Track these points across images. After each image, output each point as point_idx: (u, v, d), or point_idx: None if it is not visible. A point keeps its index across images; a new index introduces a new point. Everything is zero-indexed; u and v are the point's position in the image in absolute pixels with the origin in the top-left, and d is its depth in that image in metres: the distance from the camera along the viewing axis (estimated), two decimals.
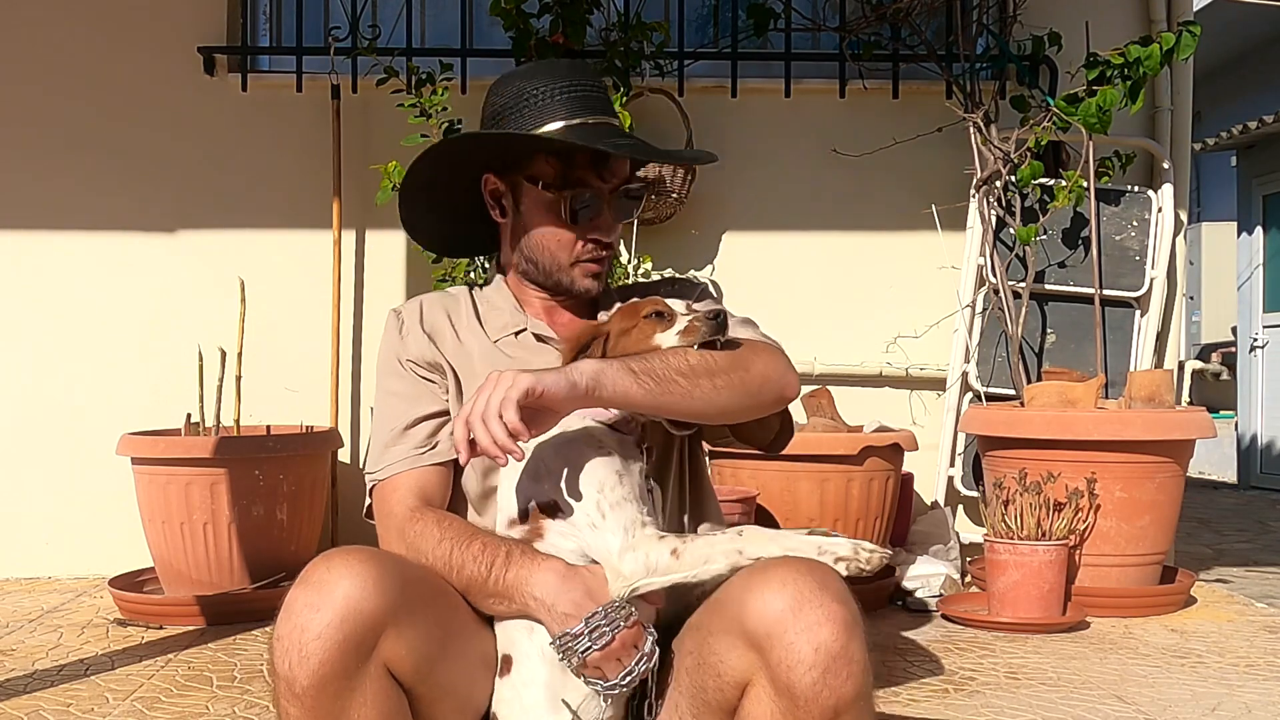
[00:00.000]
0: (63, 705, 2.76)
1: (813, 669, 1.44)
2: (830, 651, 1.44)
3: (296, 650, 1.47)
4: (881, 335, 4.47)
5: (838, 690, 1.44)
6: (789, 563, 1.52)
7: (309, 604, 1.48)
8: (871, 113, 4.44)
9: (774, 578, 1.48)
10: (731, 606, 1.51)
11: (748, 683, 1.51)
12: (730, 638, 1.51)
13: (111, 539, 4.18)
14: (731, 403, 1.69)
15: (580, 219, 1.81)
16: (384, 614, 1.48)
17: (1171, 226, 4.41)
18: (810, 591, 1.46)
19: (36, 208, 4.38)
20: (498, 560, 1.61)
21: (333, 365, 4.31)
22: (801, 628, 1.44)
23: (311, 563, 1.52)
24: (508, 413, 1.52)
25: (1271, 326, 8.24)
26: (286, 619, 1.49)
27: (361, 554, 1.52)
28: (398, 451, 1.77)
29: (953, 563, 4.04)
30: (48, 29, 4.39)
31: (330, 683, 1.47)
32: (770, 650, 1.45)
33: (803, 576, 1.48)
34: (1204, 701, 2.82)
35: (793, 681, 1.44)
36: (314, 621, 1.47)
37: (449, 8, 4.54)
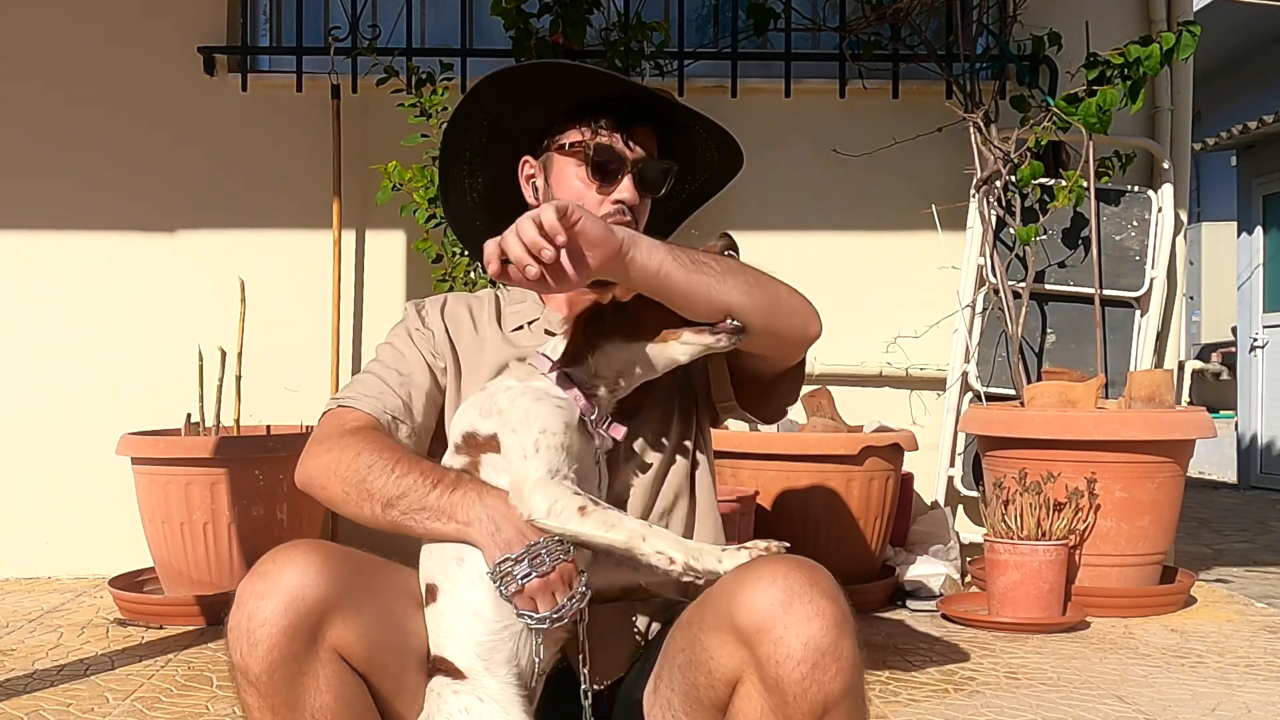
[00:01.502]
0: (63, 705, 2.76)
1: (801, 664, 1.43)
2: (819, 647, 1.43)
3: (246, 638, 1.51)
4: (881, 335, 4.47)
5: (826, 686, 1.44)
6: (779, 560, 1.52)
7: (255, 593, 1.52)
8: (871, 113, 4.44)
9: (764, 574, 1.48)
10: (721, 602, 1.51)
11: (738, 679, 1.50)
12: (720, 634, 1.50)
13: (111, 539, 4.17)
14: (757, 310, 1.68)
15: (604, 176, 1.80)
16: (328, 599, 1.51)
17: (1171, 226, 4.41)
18: (800, 587, 1.46)
19: (37, 207, 4.38)
20: (445, 478, 1.62)
21: (333, 365, 4.31)
22: (790, 622, 1.44)
23: (261, 558, 1.56)
24: (545, 213, 1.46)
25: (1271, 326, 8.24)
26: (237, 610, 1.53)
27: (308, 545, 1.56)
28: (375, 388, 1.79)
29: (953, 563, 4.04)
30: (47, 29, 4.38)
31: (280, 667, 1.50)
32: (759, 645, 1.45)
33: (793, 572, 1.47)
34: (1204, 701, 2.82)
35: (781, 677, 1.44)
36: (260, 609, 1.50)
37: (449, 8, 4.54)
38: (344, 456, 1.67)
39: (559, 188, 1.83)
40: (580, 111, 1.83)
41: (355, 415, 1.74)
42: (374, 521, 1.65)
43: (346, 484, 1.66)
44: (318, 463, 1.70)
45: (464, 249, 2.12)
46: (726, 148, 1.93)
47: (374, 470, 1.64)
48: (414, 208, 3.98)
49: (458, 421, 1.69)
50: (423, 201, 3.95)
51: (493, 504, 1.59)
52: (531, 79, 1.84)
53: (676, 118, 1.88)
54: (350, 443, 1.68)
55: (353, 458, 1.66)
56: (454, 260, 3.97)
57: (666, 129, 1.89)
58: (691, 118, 1.88)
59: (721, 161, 1.97)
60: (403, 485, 1.62)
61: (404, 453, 1.67)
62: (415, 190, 3.96)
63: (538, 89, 1.84)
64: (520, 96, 1.85)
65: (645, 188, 1.84)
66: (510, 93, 1.85)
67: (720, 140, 1.91)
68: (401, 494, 1.62)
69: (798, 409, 4.07)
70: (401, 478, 1.62)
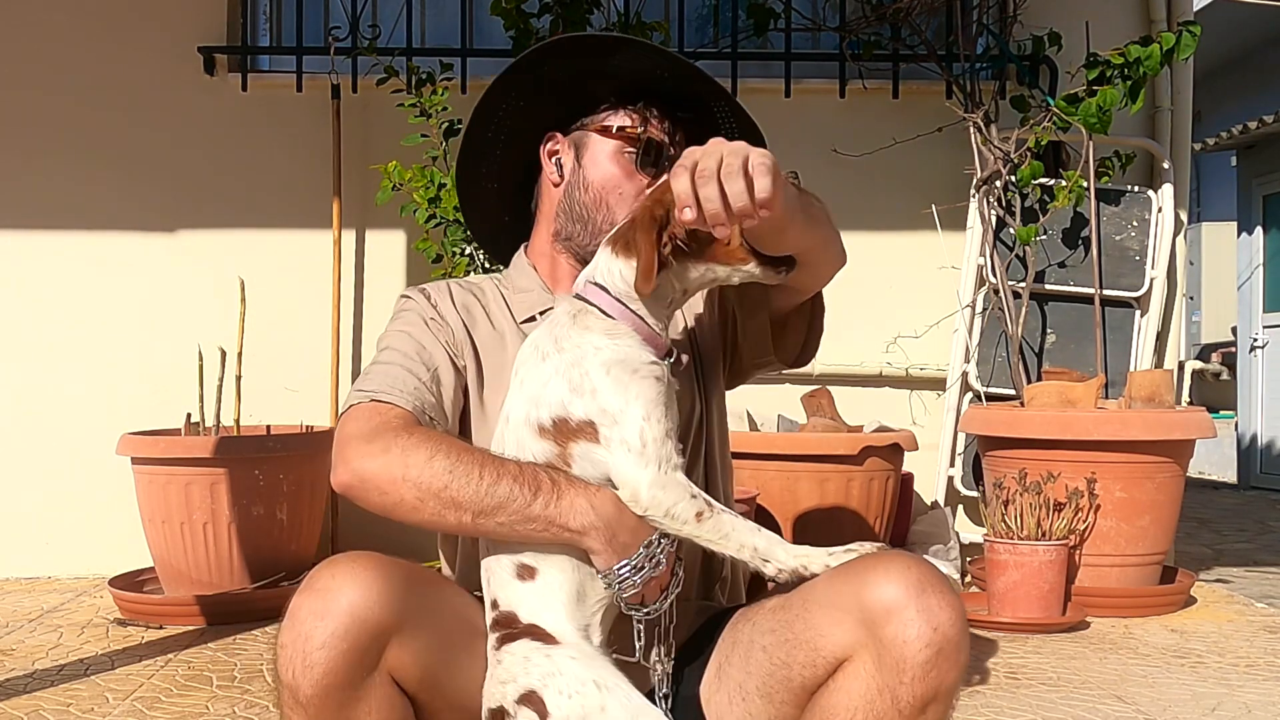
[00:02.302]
0: (63, 705, 2.76)
1: (929, 647, 1.44)
2: (947, 635, 1.45)
3: (300, 659, 1.45)
4: (881, 335, 4.47)
5: (944, 675, 1.46)
6: (905, 554, 1.53)
7: (314, 611, 1.45)
8: (871, 113, 4.44)
9: (897, 563, 1.49)
10: (846, 584, 1.50)
11: (846, 659, 1.50)
12: (838, 613, 1.49)
13: (111, 539, 4.17)
14: (824, 253, 1.68)
15: (651, 167, 1.75)
16: (390, 623, 1.45)
17: (1171, 226, 4.41)
18: (933, 579, 1.48)
19: (37, 207, 4.38)
20: (544, 484, 1.50)
21: (333, 365, 4.31)
22: (923, 607, 1.45)
23: (316, 568, 1.49)
24: (760, 178, 1.37)
25: (1271, 326, 8.24)
26: (291, 626, 1.46)
27: (368, 560, 1.48)
28: (407, 382, 1.63)
29: (953, 563, 4.04)
30: (47, 29, 4.38)
31: (334, 692, 1.45)
32: (886, 625, 1.45)
33: (923, 565, 1.50)
34: (1204, 701, 2.82)
35: (905, 656, 1.44)
36: (319, 630, 1.44)
37: (449, 8, 4.54)
38: (412, 460, 1.52)
39: (593, 169, 1.75)
40: (632, 95, 1.77)
41: (397, 412, 1.59)
42: (456, 529, 1.56)
43: (421, 491, 1.51)
44: (374, 465, 1.53)
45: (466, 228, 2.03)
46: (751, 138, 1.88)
47: (456, 477, 1.51)
48: (414, 208, 3.98)
49: (541, 395, 1.54)
50: (423, 201, 3.95)
51: (603, 507, 1.51)
52: (605, 51, 1.76)
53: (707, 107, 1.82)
54: (414, 444, 1.53)
55: (424, 461, 1.51)
56: (454, 260, 3.97)
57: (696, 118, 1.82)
58: (735, 114, 1.83)
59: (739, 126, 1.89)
60: (497, 495, 1.49)
61: (481, 454, 1.54)
62: (415, 190, 3.96)
63: (600, 62, 1.76)
64: (583, 68, 1.77)
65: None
66: (576, 59, 1.77)
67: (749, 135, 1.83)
68: (498, 505, 1.50)
69: (798, 409, 4.07)
70: (494, 485, 1.50)
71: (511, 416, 1.57)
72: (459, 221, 3.93)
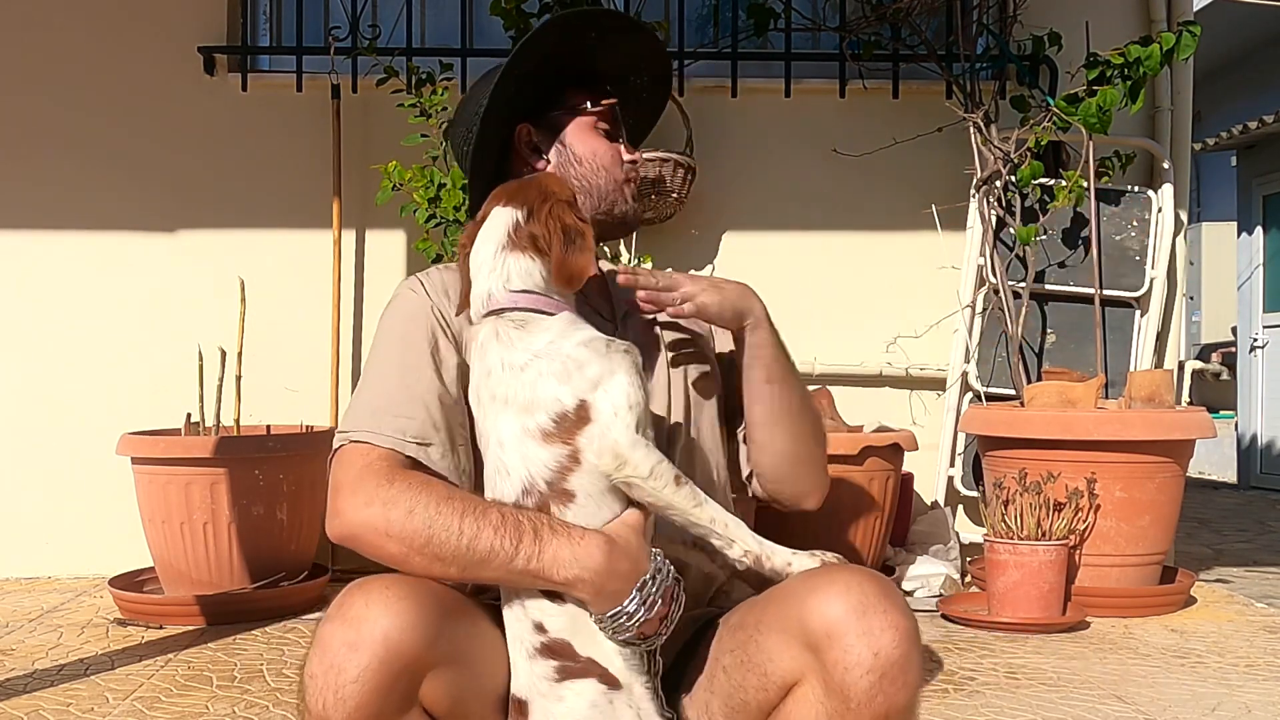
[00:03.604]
0: (63, 705, 2.76)
1: (870, 673, 1.43)
2: (890, 658, 1.43)
3: (332, 692, 1.39)
4: (881, 335, 4.47)
5: (892, 698, 1.44)
6: (852, 569, 1.52)
7: (346, 643, 1.39)
8: (871, 113, 4.44)
9: (839, 581, 1.48)
10: (791, 606, 1.50)
11: (795, 683, 1.50)
12: (784, 636, 1.49)
13: (111, 539, 4.17)
14: (800, 445, 1.84)
15: (612, 131, 1.90)
16: (426, 655, 1.41)
17: (1171, 226, 4.41)
18: (875, 598, 1.46)
19: (36, 207, 4.38)
20: (525, 534, 1.48)
21: (333, 365, 4.31)
22: (864, 631, 1.43)
23: (346, 591, 1.44)
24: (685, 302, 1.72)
25: (1271, 326, 8.24)
26: (321, 656, 1.40)
27: (401, 587, 1.43)
28: (388, 410, 1.60)
29: (953, 563, 4.04)
30: (47, 29, 4.38)
31: None
32: (829, 650, 1.44)
33: (867, 583, 1.48)
34: (1204, 701, 2.82)
35: (848, 683, 1.43)
36: (351, 663, 1.38)
37: (449, 8, 4.54)
38: (392, 515, 1.50)
39: (578, 145, 1.87)
40: (591, 78, 1.92)
41: (379, 454, 1.56)
42: (447, 578, 1.52)
43: (407, 545, 1.49)
44: (359, 520, 1.52)
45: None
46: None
47: (437, 531, 1.48)
48: (414, 208, 3.98)
49: (534, 399, 1.53)
50: (423, 201, 3.95)
51: (588, 558, 1.48)
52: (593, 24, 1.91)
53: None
54: (394, 496, 1.51)
55: (404, 516, 1.49)
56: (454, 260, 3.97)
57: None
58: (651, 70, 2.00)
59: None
60: (479, 549, 1.47)
61: (464, 502, 1.51)
62: (415, 190, 3.96)
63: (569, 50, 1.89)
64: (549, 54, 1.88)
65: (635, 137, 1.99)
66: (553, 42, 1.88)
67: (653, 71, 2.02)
68: (482, 559, 1.47)
69: None
70: (475, 539, 1.47)
71: (506, 438, 1.53)
72: (459, 221, 3.94)
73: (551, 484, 1.51)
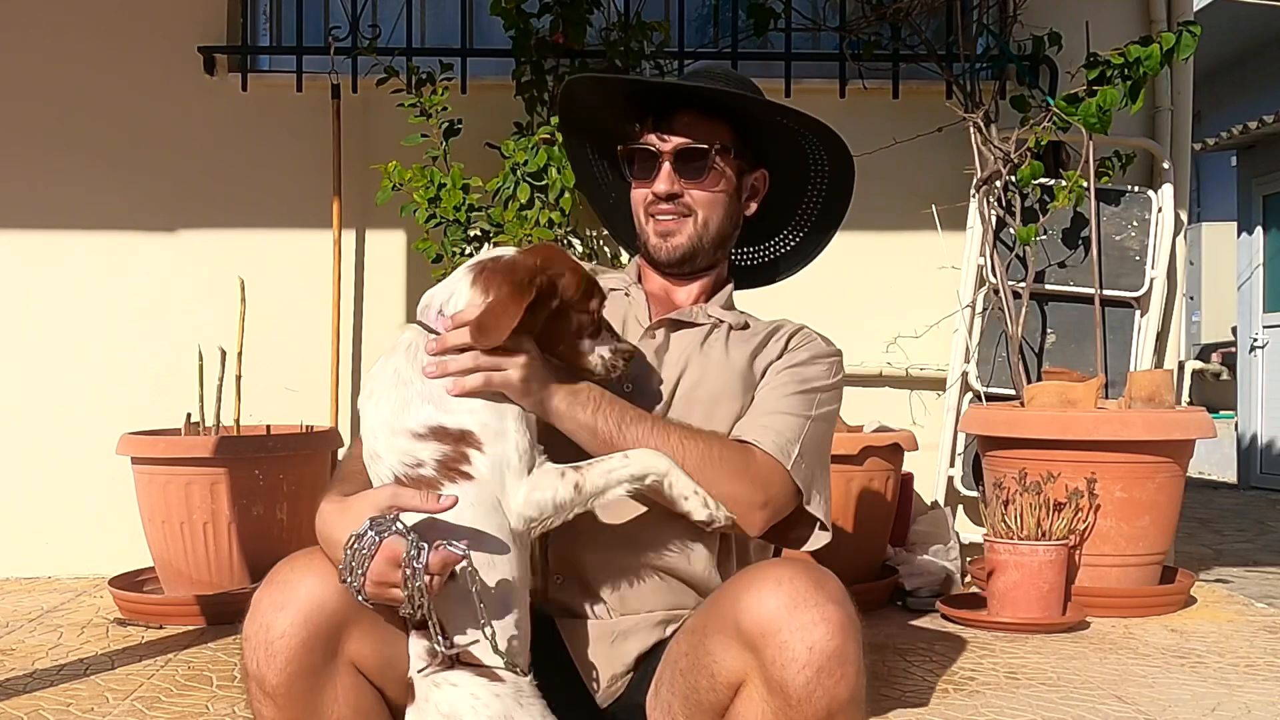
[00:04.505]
0: (63, 705, 2.76)
1: (806, 668, 1.43)
2: (825, 651, 1.43)
3: (263, 649, 1.49)
4: (881, 335, 4.47)
5: (831, 691, 1.44)
6: (785, 563, 1.52)
7: (274, 603, 1.50)
8: (871, 113, 4.44)
9: (770, 577, 1.48)
10: (727, 606, 1.50)
11: (740, 683, 1.50)
12: (725, 638, 1.50)
13: (111, 539, 4.17)
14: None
15: (635, 172, 1.88)
16: (346, 611, 1.49)
17: (1171, 226, 4.41)
18: (806, 591, 1.45)
19: (36, 207, 4.38)
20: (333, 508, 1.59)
21: (333, 365, 4.31)
22: (796, 626, 1.43)
23: (278, 565, 1.54)
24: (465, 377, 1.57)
25: (1271, 326, 8.24)
26: (253, 619, 1.51)
27: (325, 554, 1.53)
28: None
29: (953, 563, 4.04)
30: (47, 29, 4.38)
31: (298, 680, 1.49)
32: (764, 649, 1.44)
33: (798, 576, 1.47)
34: (1204, 702, 2.82)
35: (786, 680, 1.43)
36: (278, 620, 1.48)
37: (449, 8, 4.54)
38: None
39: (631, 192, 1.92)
40: (631, 113, 1.90)
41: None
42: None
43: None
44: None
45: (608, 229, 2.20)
46: (823, 134, 1.95)
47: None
48: (414, 208, 3.98)
49: (403, 416, 1.59)
50: (423, 201, 3.95)
51: (325, 516, 1.57)
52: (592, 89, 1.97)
53: (751, 110, 1.93)
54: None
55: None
56: (454, 260, 3.97)
57: (743, 122, 1.92)
58: (747, 104, 1.93)
59: (828, 157, 1.99)
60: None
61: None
62: (415, 190, 3.96)
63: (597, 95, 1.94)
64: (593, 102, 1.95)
65: (687, 173, 1.86)
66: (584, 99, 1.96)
67: (814, 128, 1.94)
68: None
69: None
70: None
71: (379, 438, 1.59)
72: (459, 221, 3.94)
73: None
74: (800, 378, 1.84)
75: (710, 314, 1.92)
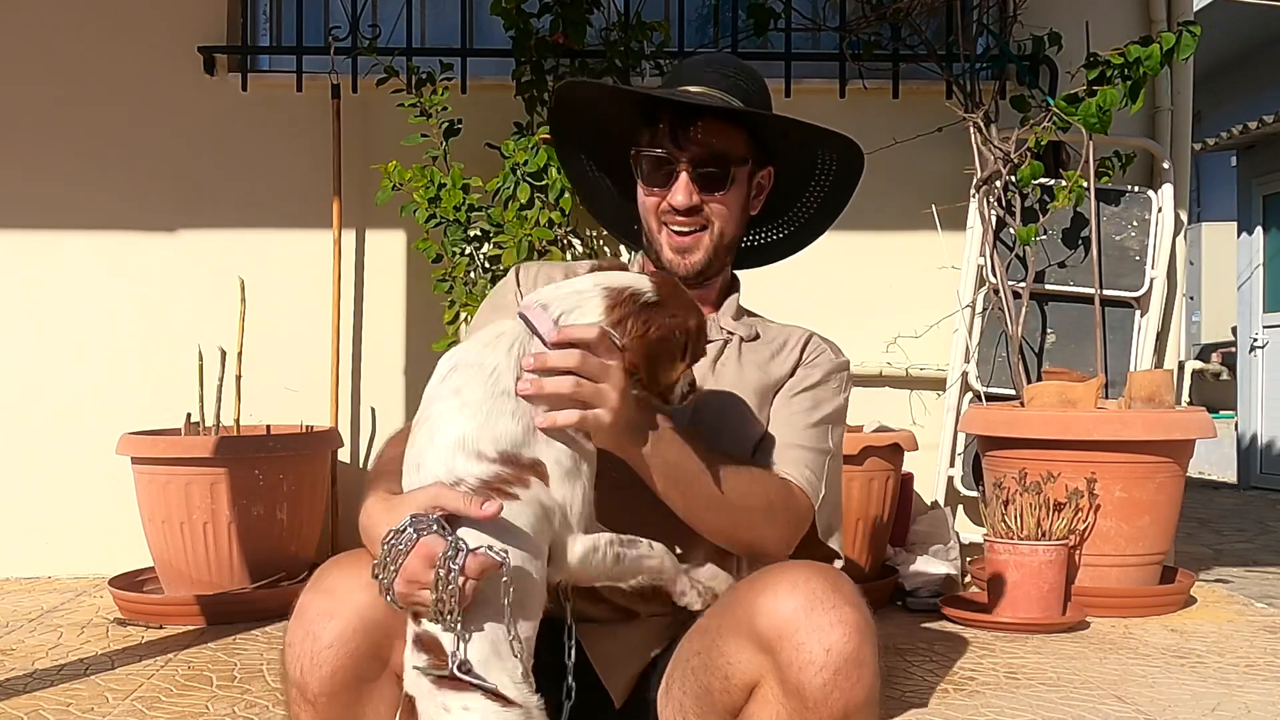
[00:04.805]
0: (62, 705, 2.76)
1: (823, 670, 1.42)
2: (842, 653, 1.43)
3: (309, 658, 1.46)
4: (881, 335, 4.47)
5: (848, 693, 1.43)
6: (801, 565, 1.52)
7: (322, 611, 1.46)
8: (871, 113, 4.43)
9: (785, 579, 1.47)
10: (742, 607, 1.50)
11: (755, 684, 1.50)
12: (740, 639, 1.49)
13: (111, 539, 4.17)
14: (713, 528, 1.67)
15: (650, 180, 1.81)
16: (395, 623, 1.45)
17: (1171, 226, 4.40)
18: (823, 593, 1.45)
19: (36, 207, 4.38)
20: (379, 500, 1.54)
21: (333, 365, 4.31)
22: (813, 628, 1.43)
23: (324, 567, 1.51)
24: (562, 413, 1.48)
25: (1271, 326, 8.24)
26: (299, 624, 1.47)
27: (370, 555, 1.48)
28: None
29: (953, 563, 4.04)
30: (47, 29, 4.38)
31: (342, 691, 1.46)
32: (780, 650, 1.44)
33: (815, 578, 1.47)
34: (1204, 702, 2.82)
35: (803, 682, 1.43)
36: (327, 630, 1.45)
37: (449, 8, 4.53)
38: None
39: (639, 187, 1.85)
40: (647, 117, 1.83)
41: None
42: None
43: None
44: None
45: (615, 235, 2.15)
46: (829, 139, 1.90)
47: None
48: (414, 208, 3.98)
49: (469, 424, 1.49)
50: (423, 201, 3.95)
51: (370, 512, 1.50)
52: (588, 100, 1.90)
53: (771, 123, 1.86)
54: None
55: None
56: (454, 260, 3.97)
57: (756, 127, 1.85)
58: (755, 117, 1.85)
59: (836, 156, 1.94)
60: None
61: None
62: (415, 190, 3.96)
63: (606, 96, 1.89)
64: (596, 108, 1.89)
65: (706, 185, 1.80)
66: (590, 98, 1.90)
67: (820, 134, 1.89)
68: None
69: None
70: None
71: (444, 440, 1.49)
72: (459, 221, 3.94)
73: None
74: (816, 400, 1.84)
75: (722, 325, 1.89)
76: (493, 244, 3.96)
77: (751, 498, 1.65)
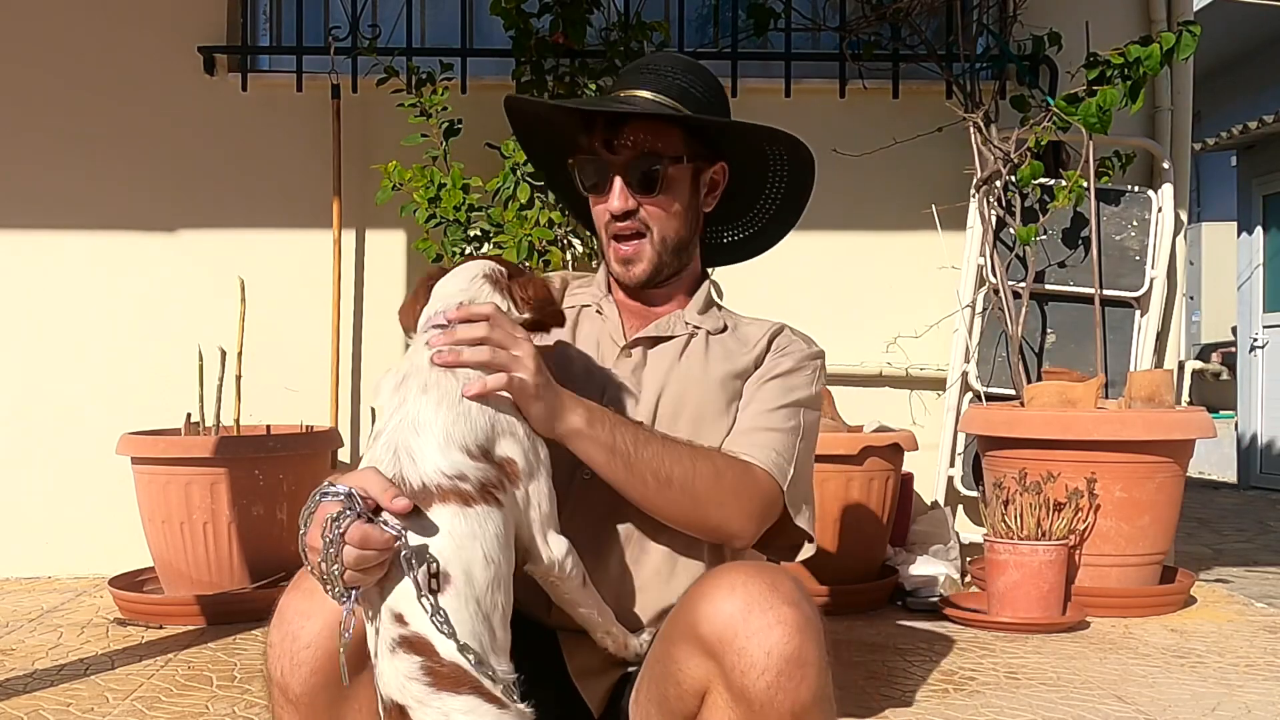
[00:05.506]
0: (63, 705, 2.76)
1: (765, 673, 1.41)
2: (783, 655, 1.41)
3: (289, 658, 1.46)
4: (881, 335, 4.47)
5: (793, 694, 1.42)
6: (740, 567, 1.50)
7: (300, 611, 1.47)
8: (871, 113, 4.44)
9: (723, 583, 1.46)
10: (687, 613, 1.48)
11: (706, 690, 1.49)
12: (687, 646, 1.48)
13: (111, 539, 4.17)
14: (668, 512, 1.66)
15: (591, 190, 1.80)
16: None
17: (1171, 226, 4.41)
18: (760, 594, 1.43)
19: (37, 207, 4.38)
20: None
21: (333, 365, 4.31)
22: (751, 632, 1.41)
23: (303, 569, 1.49)
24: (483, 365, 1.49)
25: (1271, 326, 8.24)
26: (279, 625, 1.48)
27: None
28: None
29: (953, 563, 4.04)
30: (47, 29, 4.38)
31: (323, 690, 1.46)
32: (724, 656, 1.43)
33: (752, 579, 1.45)
34: (1204, 701, 2.82)
35: (746, 687, 1.42)
36: (305, 629, 1.46)
37: (449, 8, 4.54)
38: None
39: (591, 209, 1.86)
40: (586, 126, 1.81)
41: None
42: None
43: None
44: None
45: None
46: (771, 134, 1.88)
47: None
48: (414, 208, 3.98)
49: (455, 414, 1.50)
50: (423, 201, 3.95)
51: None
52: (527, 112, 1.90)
53: (690, 121, 1.82)
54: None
55: None
56: (454, 260, 3.97)
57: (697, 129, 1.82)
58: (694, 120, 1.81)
59: (784, 149, 1.91)
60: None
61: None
62: (415, 190, 3.96)
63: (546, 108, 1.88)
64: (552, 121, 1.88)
65: (640, 187, 1.78)
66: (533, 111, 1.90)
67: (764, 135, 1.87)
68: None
69: None
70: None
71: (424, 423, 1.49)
72: (459, 221, 3.94)
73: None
74: (787, 387, 1.82)
75: (687, 321, 1.87)
76: (493, 244, 3.96)
77: (699, 477, 1.63)
